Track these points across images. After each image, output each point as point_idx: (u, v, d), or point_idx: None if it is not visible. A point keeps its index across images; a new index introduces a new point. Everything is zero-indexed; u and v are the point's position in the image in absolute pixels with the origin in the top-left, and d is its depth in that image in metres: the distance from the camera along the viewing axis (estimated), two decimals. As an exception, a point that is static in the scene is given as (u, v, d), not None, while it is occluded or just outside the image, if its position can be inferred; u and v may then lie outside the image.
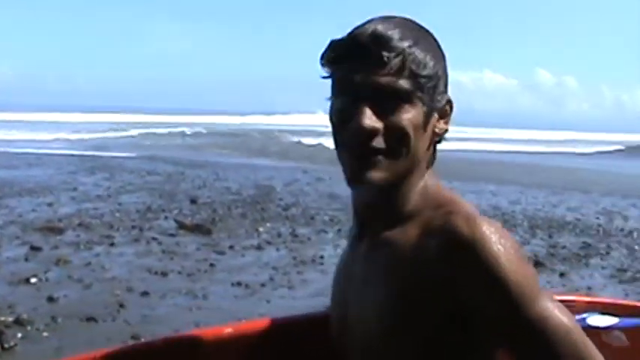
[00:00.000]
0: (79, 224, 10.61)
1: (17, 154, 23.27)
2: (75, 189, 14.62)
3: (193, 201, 13.51)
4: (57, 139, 33.49)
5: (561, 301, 1.35)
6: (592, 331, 1.92)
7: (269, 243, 10.18)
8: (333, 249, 9.92)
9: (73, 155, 23.71)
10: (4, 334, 5.83)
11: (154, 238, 9.96)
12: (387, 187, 1.44)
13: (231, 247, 9.73)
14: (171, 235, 10.32)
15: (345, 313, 1.53)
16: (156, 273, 8.16)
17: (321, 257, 9.37)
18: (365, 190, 1.47)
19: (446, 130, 1.49)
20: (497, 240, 1.29)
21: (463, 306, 1.31)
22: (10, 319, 6.21)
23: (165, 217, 11.69)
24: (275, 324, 1.89)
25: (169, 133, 42.34)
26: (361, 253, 1.51)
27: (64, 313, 6.52)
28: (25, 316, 6.29)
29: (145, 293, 7.35)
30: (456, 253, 1.29)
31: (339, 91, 1.43)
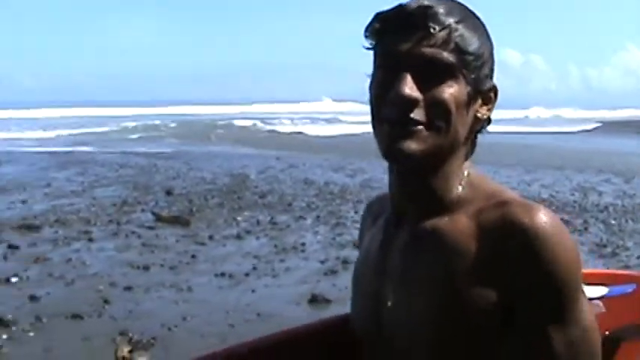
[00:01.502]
0: (56, 220, 10.51)
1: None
2: (48, 185, 14.46)
3: (169, 192, 13.42)
4: (25, 138, 33.04)
5: None
6: None
7: (248, 232, 10.15)
8: (313, 235, 9.92)
9: (43, 152, 23.45)
10: (-12, 335, 5.76)
11: (132, 232, 9.88)
12: (427, 168, 1.39)
13: (211, 238, 9.69)
14: (150, 227, 10.25)
15: (379, 312, 1.45)
16: (138, 267, 8.10)
17: (303, 244, 9.36)
18: (405, 165, 1.40)
19: (489, 119, 1.46)
20: (558, 232, 1.27)
21: (512, 295, 1.28)
22: (-6, 320, 6.13)
23: (142, 210, 11.61)
24: (289, 335, 1.81)
25: (138, 127, 41.97)
26: (399, 244, 1.45)
27: (48, 311, 6.45)
28: (9, 316, 6.21)
29: (128, 288, 7.30)
30: (517, 241, 1.26)
31: (382, 62, 1.39)
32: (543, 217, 1.27)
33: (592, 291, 2.09)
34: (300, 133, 36.79)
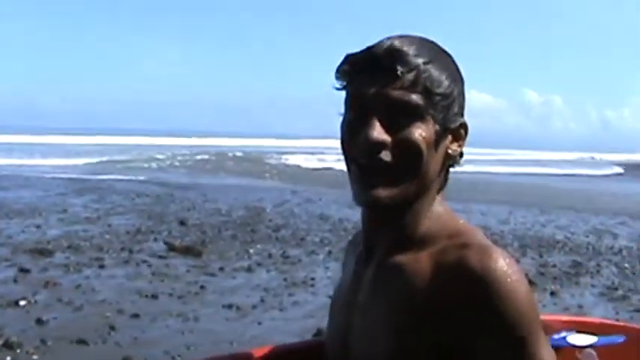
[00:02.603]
0: (68, 246, 10.55)
1: (6, 175, 23.16)
2: (64, 211, 14.53)
3: (183, 223, 13.46)
4: (47, 165, 33.26)
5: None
6: (568, 349, 2.06)
7: (260, 265, 10.14)
8: (324, 270, 9.90)
9: (62, 177, 23.61)
10: (-7, 357, 5.78)
11: (144, 261, 9.90)
12: (397, 208, 1.40)
13: (221, 269, 9.69)
14: (161, 257, 10.27)
15: (346, 339, 1.48)
16: (146, 295, 8.11)
17: (312, 279, 9.34)
18: (373, 210, 1.44)
19: (460, 154, 1.47)
20: (509, 279, 1.26)
21: (465, 341, 1.27)
22: None
23: (155, 239, 11.64)
24: (271, 352, 1.86)
25: (158, 156, 42.23)
26: (367, 279, 1.47)
27: (53, 335, 6.47)
28: (14, 339, 6.22)
29: (135, 315, 7.30)
30: (466, 289, 1.26)
31: (351, 104, 1.41)
32: (496, 263, 1.26)
33: (581, 339, 2.13)
34: (328, 168, 36.76)
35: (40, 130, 77.30)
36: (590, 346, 2.14)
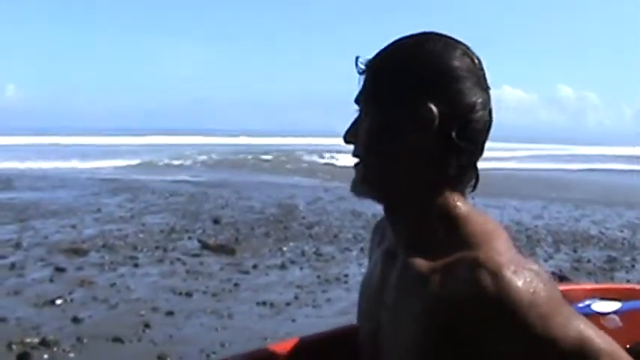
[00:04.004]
0: (103, 245, 10.65)
1: (42, 177, 23.41)
2: (99, 210, 14.67)
3: (216, 221, 13.52)
4: (82, 167, 33.56)
5: (562, 291, 1.34)
6: (593, 316, 2.05)
7: (293, 262, 10.16)
8: (357, 267, 9.89)
9: (95, 178, 23.82)
10: (30, 355, 5.84)
11: (177, 259, 9.96)
12: (391, 204, 1.48)
13: (255, 267, 9.71)
14: (195, 255, 10.32)
15: (376, 330, 1.49)
16: (180, 293, 8.16)
17: (346, 275, 9.33)
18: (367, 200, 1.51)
19: (447, 147, 1.41)
20: (526, 298, 1.24)
21: (486, 357, 1.27)
22: (36, 340, 6.22)
23: (189, 238, 11.70)
24: (305, 342, 1.86)
25: (191, 154, 42.46)
26: (392, 281, 1.47)
27: (89, 333, 6.52)
28: (50, 337, 6.29)
29: (169, 313, 7.35)
30: (484, 313, 1.24)
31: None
32: (511, 286, 1.24)
33: (605, 306, 2.15)
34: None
35: (74, 132, 77.96)
36: (615, 312, 2.15)
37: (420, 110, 1.40)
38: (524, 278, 1.26)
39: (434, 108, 1.39)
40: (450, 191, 1.43)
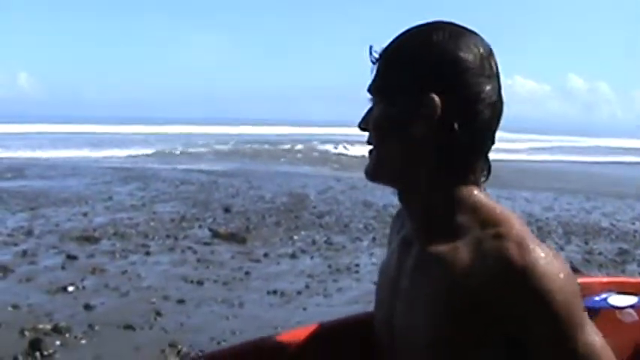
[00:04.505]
0: (114, 233, 10.68)
1: (53, 165, 23.48)
2: (110, 198, 14.71)
3: (227, 210, 13.54)
4: (94, 156, 33.64)
5: (579, 284, 1.37)
6: (609, 310, 2.07)
7: (304, 251, 10.16)
8: (368, 257, 9.88)
9: (107, 166, 23.88)
10: (42, 341, 5.85)
11: (189, 247, 9.98)
12: (402, 190, 1.51)
13: (266, 255, 9.72)
14: (206, 243, 10.34)
15: (391, 318, 1.51)
16: (191, 281, 8.17)
17: (357, 265, 9.33)
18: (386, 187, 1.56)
19: (451, 137, 1.41)
20: (549, 268, 1.29)
21: (510, 330, 1.31)
22: (49, 326, 6.24)
23: (200, 226, 11.72)
24: (322, 328, 1.86)
25: (207, 143, 42.53)
26: (409, 266, 1.49)
27: (101, 320, 6.54)
28: (63, 324, 6.31)
29: (180, 301, 7.36)
30: (507, 280, 1.29)
31: None
32: (534, 253, 1.30)
33: (622, 300, 2.14)
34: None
35: (86, 120, 78.21)
36: (631, 306, 2.14)
37: (423, 100, 1.41)
38: (547, 254, 1.31)
39: (436, 98, 1.40)
40: (462, 180, 1.45)
